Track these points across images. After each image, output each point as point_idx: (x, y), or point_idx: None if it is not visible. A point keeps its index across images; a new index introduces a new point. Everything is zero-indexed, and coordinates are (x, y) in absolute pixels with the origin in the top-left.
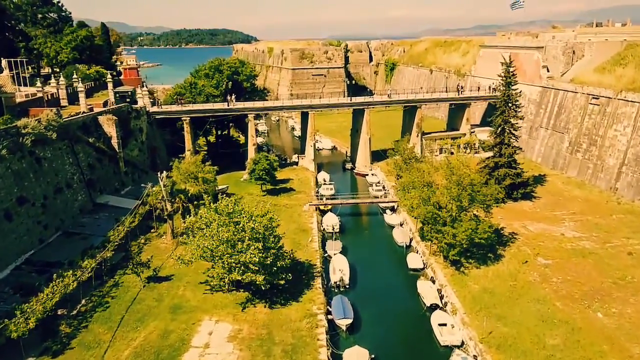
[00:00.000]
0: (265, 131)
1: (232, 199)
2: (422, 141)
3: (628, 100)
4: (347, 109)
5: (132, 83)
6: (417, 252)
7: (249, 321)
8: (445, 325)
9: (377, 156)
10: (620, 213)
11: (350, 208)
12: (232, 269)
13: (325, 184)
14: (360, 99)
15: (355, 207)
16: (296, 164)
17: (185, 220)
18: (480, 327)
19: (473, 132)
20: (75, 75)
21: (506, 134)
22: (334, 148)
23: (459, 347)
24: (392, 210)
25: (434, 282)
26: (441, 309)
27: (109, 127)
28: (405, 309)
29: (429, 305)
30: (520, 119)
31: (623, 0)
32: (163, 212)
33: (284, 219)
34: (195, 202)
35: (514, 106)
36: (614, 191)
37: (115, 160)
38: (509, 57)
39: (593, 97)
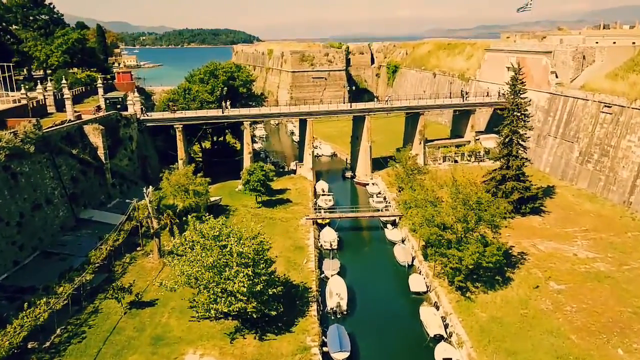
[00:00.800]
0: (264, 136)
1: (219, 220)
2: (425, 149)
3: None
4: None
5: (125, 87)
6: (419, 273)
7: (237, 356)
8: None
9: (378, 164)
10: (636, 230)
11: (350, 221)
12: (218, 298)
13: (323, 194)
14: (360, 105)
15: (355, 221)
16: (294, 172)
17: (172, 240)
18: None
19: (478, 139)
20: (65, 81)
21: (514, 145)
22: (334, 155)
23: None
24: (394, 224)
25: (438, 309)
26: (446, 340)
27: (95, 137)
28: (407, 340)
29: (432, 335)
30: (529, 129)
31: (627, 1)
32: (149, 230)
33: (279, 234)
34: (185, 217)
35: (522, 116)
36: (627, 205)
37: (102, 172)
38: (516, 62)
39: (605, 105)
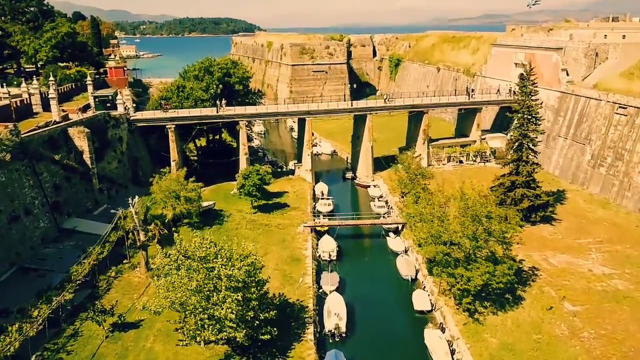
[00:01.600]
0: (262, 132)
1: (208, 240)
2: (428, 149)
3: None
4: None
5: (117, 83)
6: (423, 289)
7: None
8: None
9: (380, 165)
10: None
11: (350, 229)
12: (206, 325)
13: (323, 198)
14: (362, 104)
15: (355, 228)
16: (292, 172)
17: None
18: None
19: (484, 138)
20: (53, 77)
21: (524, 150)
22: (334, 153)
23: None
24: (396, 232)
25: (444, 331)
26: None
27: (80, 140)
28: None
29: None
30: (540, 133)
31: None
32: (136, 243)
33: (275, 243)
34: (175, 227)
35: (533, 119)
36: None
37: (88, 177)
38: (524, 58)
39: (620, 106)
